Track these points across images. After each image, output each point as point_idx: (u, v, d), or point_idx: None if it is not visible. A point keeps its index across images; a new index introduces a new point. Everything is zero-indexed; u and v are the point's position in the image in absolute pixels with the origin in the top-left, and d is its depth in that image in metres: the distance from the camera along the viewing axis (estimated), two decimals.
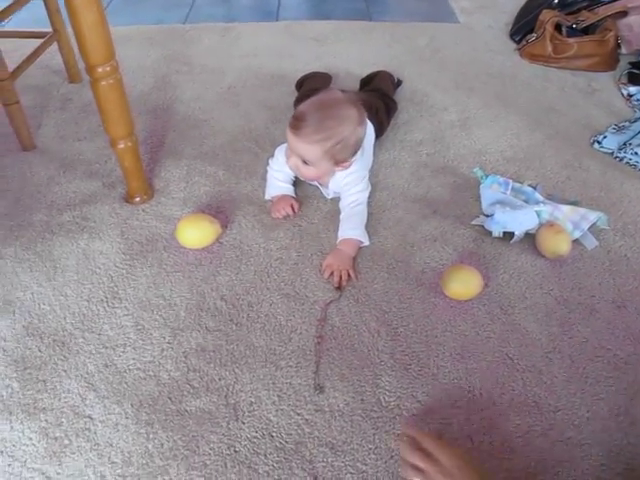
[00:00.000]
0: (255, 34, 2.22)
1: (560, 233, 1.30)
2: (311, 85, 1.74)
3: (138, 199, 1.43)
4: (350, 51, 2.11)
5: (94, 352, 1.12)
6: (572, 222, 1.36)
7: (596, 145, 1.65)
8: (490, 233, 1.35)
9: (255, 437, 0.99)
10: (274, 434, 1.00)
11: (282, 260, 1.30)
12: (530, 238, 1.34)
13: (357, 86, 1.83)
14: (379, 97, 1.67)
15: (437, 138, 1.67)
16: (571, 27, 1.97)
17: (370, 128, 1.52)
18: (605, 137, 1.64)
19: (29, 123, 1.60)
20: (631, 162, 1.59)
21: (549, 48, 1.97)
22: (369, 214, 1.38)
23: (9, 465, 0.95)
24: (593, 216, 1.36)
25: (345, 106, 1.26)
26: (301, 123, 1.23)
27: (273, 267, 1.28)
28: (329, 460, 0.96)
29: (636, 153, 1.57)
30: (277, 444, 0.98)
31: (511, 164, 1.58)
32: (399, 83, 1.87)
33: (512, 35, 2.14)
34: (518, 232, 1.34)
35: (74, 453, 0.97)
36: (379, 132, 1.60)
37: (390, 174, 1.55)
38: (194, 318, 1.18)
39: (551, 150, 1.64)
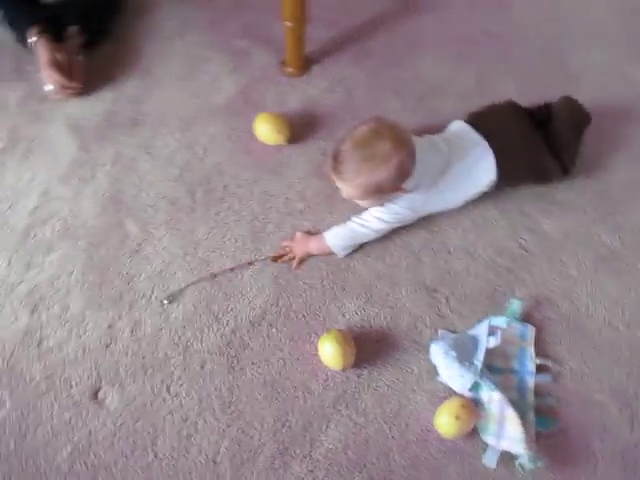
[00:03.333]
0: None
1: (457, 419, 1.12)
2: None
3: (289, 70, 1.59)
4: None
5: None
6: (499, 426, 1.15)
7: None
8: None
9: None
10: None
11: (288, 202, 1.41)
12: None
13: None
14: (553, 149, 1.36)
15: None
16: None
17: (484, 171, 1.34)
18: None
19: None
20: None
21: None
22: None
23: None
24: (521, 450, 1.12)
25: (382, 143, 1.17)
26: (339, 166, 1.22)
27: (278, 199, 1.41)
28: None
29: None
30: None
31: None
32: (586, 119, 1.42)
33: None
34: (441, 379, 1.21)
35: None
36: (506, 183, 1.38)
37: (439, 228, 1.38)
38: (186, 182, 1.43)
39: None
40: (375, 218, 1.31)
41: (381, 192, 1.23)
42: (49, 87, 1.48)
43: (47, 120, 1.49)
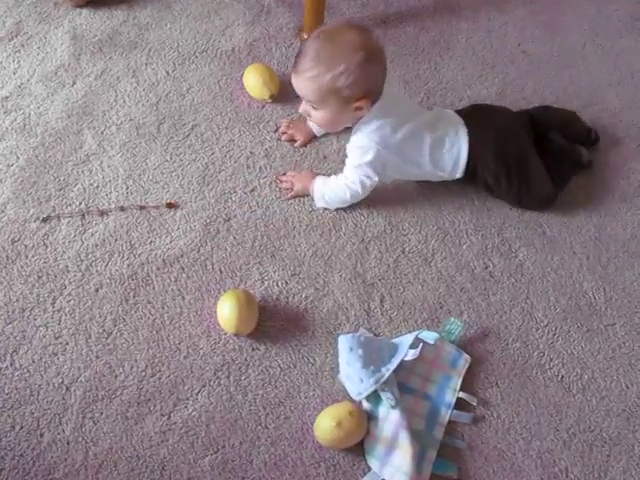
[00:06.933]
0: None
1: (338, 426, 0.95)
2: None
3: (305, 36, 1.49)
4: None
5: None
6: (387, 450, 0.97)
7: None
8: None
9: None
10: None
11: (251, 156, 1.30)
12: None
13: None
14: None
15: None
16: None
17: (452, 140, 1.19)
18: None
19: None
20: None
21: None
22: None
23: None
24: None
25: (352, 33, 1.07)
26: (298, 58, 1.11)
27: (242, 151, 1.31)
28: None
29: None
30: None
31: None
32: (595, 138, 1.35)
33: None
34: (340, 377, 1.04)
35: None
36: (480, 176, 1.22)
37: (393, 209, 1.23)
38: (159, 112, 1.35)
39: None
40: (347, 173, 1.19)
41: (338, 95, 1.08)
42: None
43: (52, 23, 1.47)
